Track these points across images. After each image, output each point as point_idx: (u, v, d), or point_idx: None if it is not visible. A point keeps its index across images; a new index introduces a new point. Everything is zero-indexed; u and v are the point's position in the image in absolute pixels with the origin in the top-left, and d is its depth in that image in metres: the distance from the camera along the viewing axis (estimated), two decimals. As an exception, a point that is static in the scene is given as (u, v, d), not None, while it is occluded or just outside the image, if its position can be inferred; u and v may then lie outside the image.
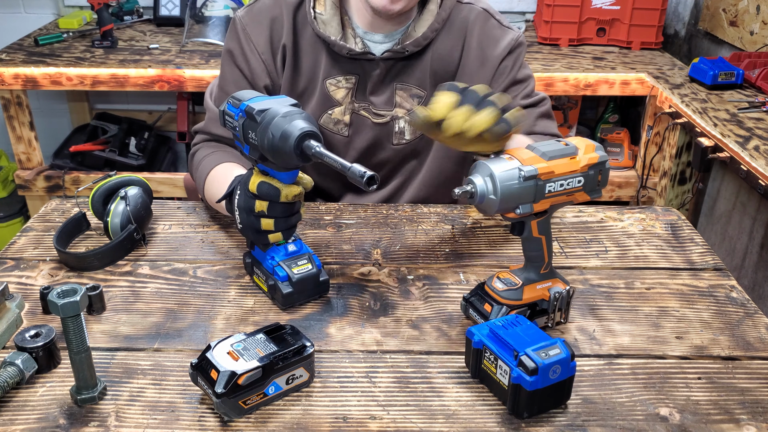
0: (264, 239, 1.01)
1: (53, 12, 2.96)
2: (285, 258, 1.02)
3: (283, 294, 1.00)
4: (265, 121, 0.92)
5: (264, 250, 1.04)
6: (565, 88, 2.32)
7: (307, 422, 0.82)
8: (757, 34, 2.24)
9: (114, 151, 2.65)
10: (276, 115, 0.92)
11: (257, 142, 0.94)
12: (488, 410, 0.84)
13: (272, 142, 0.91)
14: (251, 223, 0.99)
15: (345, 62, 1.28)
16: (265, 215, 0.98)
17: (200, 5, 2.58)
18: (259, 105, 0.94)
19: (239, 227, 1.02)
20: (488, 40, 1.30)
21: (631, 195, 2.50)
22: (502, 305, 0.95)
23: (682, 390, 0.88)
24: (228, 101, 0.99)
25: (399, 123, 1.32)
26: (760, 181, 1.55)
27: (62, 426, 0.81)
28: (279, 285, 1.00)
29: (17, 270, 1.11)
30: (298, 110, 0.94)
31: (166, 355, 0.92)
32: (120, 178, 1.18)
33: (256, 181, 0.97)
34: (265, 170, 0.98)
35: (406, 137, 1.34)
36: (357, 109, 1.31)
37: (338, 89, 1.29)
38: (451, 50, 1.30)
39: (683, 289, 1.09)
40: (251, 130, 0.94)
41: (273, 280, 1.01)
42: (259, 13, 1.29)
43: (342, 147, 1.34)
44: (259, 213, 0.98)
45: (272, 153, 0.92)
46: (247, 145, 0.97)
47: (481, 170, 0.88)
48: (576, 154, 0.91)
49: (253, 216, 0.98)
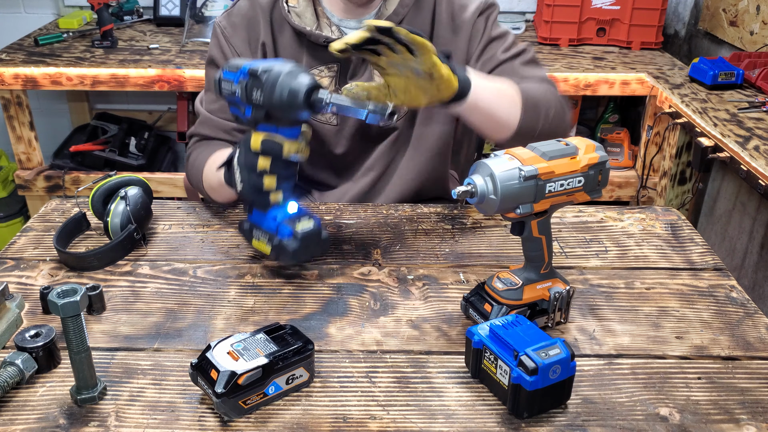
0: (265, 199, 1.03)
1: (53, 12, 2.96)
2: (287, 217, 1.05)
3: (290, 250, 1.02)
4: (270, 79, 0.96)
5: (264, 210, 1.06)
6: (565, 88, 2.32)
7: (307, 422, 0.82)
8: (757, 34, 2.24)
9: (114, 151, 2.65)
10: (281, 73, 0.96)
11: (262, 101, 0.97)
12: (488, 410, 0.84)
13: (281, 98, 0.95)
14: (253, 182, 1.02)
15: (324, 51, 1.29)
16: (267, 173, 1.01)
17: (200, 5, 2.59)
18: (262, 65, 0.98)
19: (239, 188, 1.04)
20: (458, 9, 1.31)
21: (631, 195, 2.50)
22: (503, 305, 0.95)
23: (682, 390, 0.88)
24: (224, 68, 1.02)
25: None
26: (760, 181, 1.55)
27: (62, 426, 0.81)
28: (285, 242, 1.03)
29: (17, 270, 1.11)
30: (301, 66, 0.99)
31: (166, 355, 0.92)
32: (120, 178, 1.18)
33: (258, 138, 1.00)
34: (267, 130, 1.00)
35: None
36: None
37: (322, 79, 1.31)
38: (422, 24, 1.31)
39: (683, 289, 1.09)
40: (256, 89, 0.97)
41: (277, 240, 1.03)
42: (236, 17, 1.33)
43: (332, 136, 1.35)
44: (261, 171, 1.00)
45: (281, 109, 0.96)
46: (249, 107, 1.00)
47: (481, 170, 0.88)
48: (576, 154, 0.91)
49: (255, 174, 1.01)
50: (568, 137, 0.96)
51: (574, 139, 0.94)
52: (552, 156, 0.89)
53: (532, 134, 1.18)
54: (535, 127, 1.18)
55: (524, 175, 0.87)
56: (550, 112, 1.21)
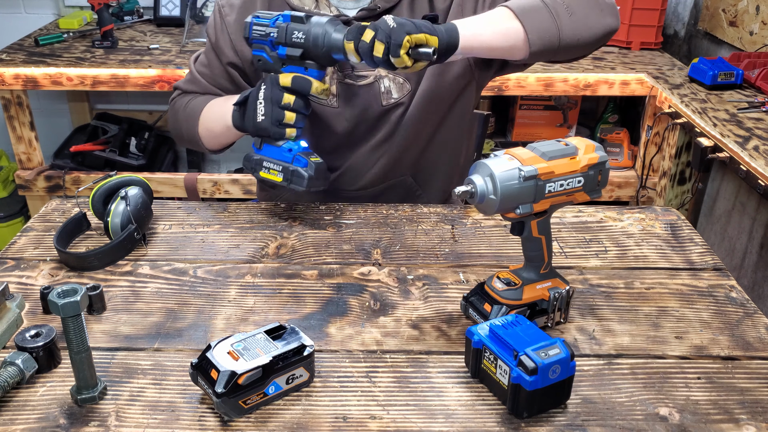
0: (281, 133, 1.16)
1: (53, 12, 2.96)
2: (302, 150, 1.19)
3: (306, 177, 1.16)
4: (315, 22, 1.10)
5: (277, 144, 1.18)
6: (565, 88, 2.32)
7: (307, 422, 0.82)
8: (756, 34, 2.24)
9: (114, 151, 2.65)
10: (322, 20, 1.11)
11: (303, 41, 1.11)
12: (488, 410, 0.84)
13: (328, 36, 1.09)
14: (276, 115, 1.15)
15: None
16: (290, 108, 1.15)
17: (200, 5, 2.59)
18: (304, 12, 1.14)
19: (259, 119, 1.16)
20: None
21: (631, 195, 2.50)
22: (502, 305, 0.95)
23: (681, 390, 0.88)
24: (254, 16, 1.16)
25: (383, 82, 1.32)
26: (760, 181, 1.55)
27: (62, 426, 0.81)
28: (301, 171, 1.16)
29: (17, 270, 1.11)
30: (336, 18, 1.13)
31: (166, 355, 0.92)
32: (120, 178, 1.18)
33: (288, 76, 1.14)
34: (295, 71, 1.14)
35: (393, 96, 1.33)
36: (341, 78, 1.31)
37: None
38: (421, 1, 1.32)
39: (683, 289, 1.10)
40: (297, 31, 1.11)
41: (293, 168, 1.17)
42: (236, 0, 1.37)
43: (334, 118, 1.34)
44: (284, 105, 1.14)
45: (327, 48, 1.10)
46: (283, 48, 1.13)
47: (481, 170, 0.89)
48: (576, 154, 0.91)
49: (279, 108, 1.15)
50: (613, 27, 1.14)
51: (573, 139, 0.94)
52: (552, 156, 0.90)
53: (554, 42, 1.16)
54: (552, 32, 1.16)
55: (524, 175, 0.87)
56: (559, 9, 1.16)
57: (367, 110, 1.34)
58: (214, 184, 2.50)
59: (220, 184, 2.50)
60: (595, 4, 1.22)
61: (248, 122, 1.18)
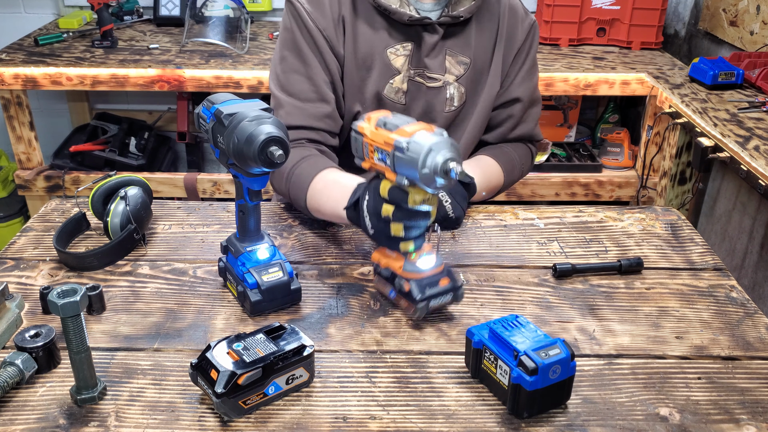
0: (396, 245, 0.98)
1: (53, 12, 2.96)
2: (255, 265, 1.00)
3: (251, 302, 0.98)
4: (232, 125, 0.91)
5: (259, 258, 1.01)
6: (565, 88, 2.32)
7: (307, 422, 0.82)
8: (757, 34, 2.24)
9: (114, 151, 2.65)
10: (243, 119, 0.91)
11: (224, 146, 0.93)
12: (488, 410, 0.84)
13: (237, 146, 0.90)
14: (381, 228, 0.97)
15: (402, 30, 1.30)
16: (390, 220, 0.95)
17: (200, 5, 2.58)
18: (228, 108, 0.93)
19: (371, 233, 0.99)
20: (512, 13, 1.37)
21: (631, 195, 2.50)
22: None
23: (681, 390, 0.88)
24: (203, 104, 0.98)
25: (449, 89, 1.34)
26: (760, 181, 1.55)
27: (62, 426, 0.81)
28: (248, 292, 0.99)
29: (17, 270, 1.11)
30: (267, 115, 0.93)
31: (166, 355, 0.92)
32: (120, 178, 1.18)
33: (386, 185, 0.95)
34: (236, 174, 0.97)
35: (455, 104, 1.35)
36: (413, 76, 1.32)
37: (397, 57, 1.31)
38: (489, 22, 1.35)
39: (683, 289, 1.09)
40: (219, 134, 0.93)
41: (242, 287, 1.00)
42: None
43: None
44: (385, 218, 0.96)
45: (237, 157, 0.92)
46: (217, 150, 0.96)
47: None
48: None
49: (382, 221, 0.97)
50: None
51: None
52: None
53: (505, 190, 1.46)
54: (508, 187, 1.44)
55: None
56: (522, 173, 1.47)
57: (430, 113, 1.35)
58: (214, 184, 2.50)
59: (220, 184, 2.50)
60: (530, 160, 1.49)
61: (365, 232, 1.02)
